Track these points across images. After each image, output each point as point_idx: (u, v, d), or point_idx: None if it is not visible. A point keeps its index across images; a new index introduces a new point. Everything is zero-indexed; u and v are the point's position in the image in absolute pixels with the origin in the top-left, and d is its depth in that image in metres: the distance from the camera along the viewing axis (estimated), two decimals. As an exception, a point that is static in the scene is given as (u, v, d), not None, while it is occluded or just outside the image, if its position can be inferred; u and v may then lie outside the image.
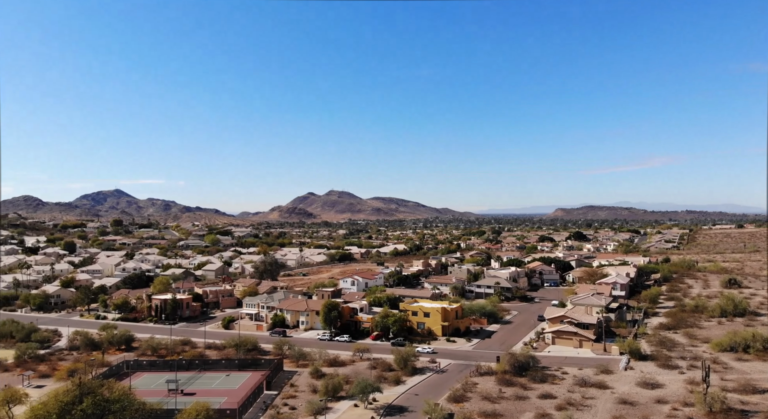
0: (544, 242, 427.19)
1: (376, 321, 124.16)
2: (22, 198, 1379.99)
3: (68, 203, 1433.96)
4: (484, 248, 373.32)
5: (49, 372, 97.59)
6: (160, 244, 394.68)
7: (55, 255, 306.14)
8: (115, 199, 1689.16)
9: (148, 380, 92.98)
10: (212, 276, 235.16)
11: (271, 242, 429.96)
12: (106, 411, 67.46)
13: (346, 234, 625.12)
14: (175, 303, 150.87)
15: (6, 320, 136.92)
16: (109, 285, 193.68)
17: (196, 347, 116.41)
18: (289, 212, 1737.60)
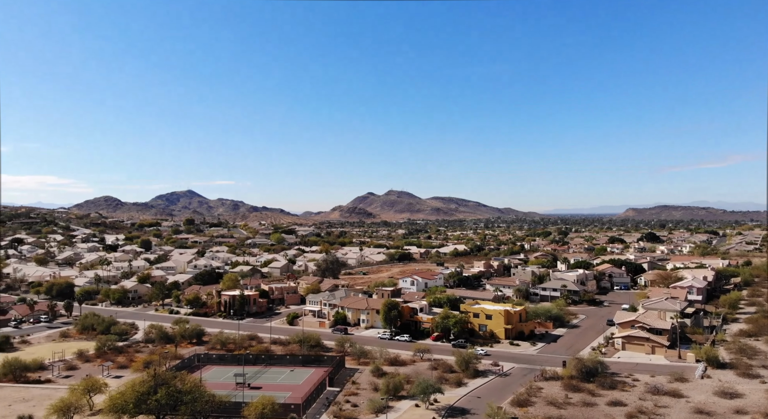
0: (614, 243, 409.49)
1: (437, 321, 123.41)
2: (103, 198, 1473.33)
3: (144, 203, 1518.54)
4: (550, 249, 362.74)
5: (126, 364, 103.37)
6: (229, 242, 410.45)
7: (133, 252, 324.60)
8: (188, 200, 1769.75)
9: (217, 373, 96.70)
10: (277, 274, 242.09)
11: (332, 241, 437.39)
12: (179, 402, 70.75)
13: (405, 233, 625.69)
14: (243, 299, 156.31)
15: (88, 313, 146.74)
16: (181, 281, 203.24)
17: (262, 342, 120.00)
18: (349, 212, 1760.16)
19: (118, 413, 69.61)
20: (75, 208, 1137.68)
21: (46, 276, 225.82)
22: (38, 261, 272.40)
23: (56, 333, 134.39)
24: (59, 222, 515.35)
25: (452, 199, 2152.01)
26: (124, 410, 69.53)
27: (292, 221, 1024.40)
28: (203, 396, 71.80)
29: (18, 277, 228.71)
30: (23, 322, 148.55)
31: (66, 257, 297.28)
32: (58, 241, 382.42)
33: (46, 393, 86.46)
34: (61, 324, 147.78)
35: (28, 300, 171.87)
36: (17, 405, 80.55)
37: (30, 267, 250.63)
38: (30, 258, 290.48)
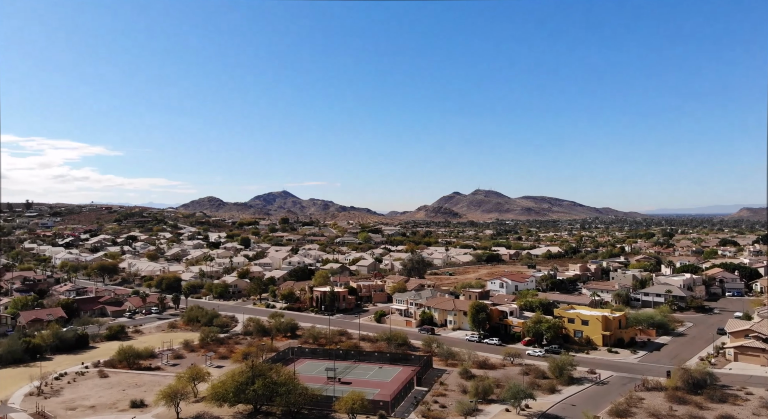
0: (725, 246, 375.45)
1: (528, 326, 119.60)
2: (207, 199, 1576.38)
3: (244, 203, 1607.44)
4: (653, 252, 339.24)
5: (227, 354, 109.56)
6: (319, 241, 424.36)
7: (233, 249, 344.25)
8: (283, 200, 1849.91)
9: (309, 366, 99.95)
10: (365, 272, 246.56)
11: (418, 241, 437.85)
12: (274, 393, 73.93)
13: (493, 234, 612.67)
14: (333, 295, 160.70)
15: (193, 306, 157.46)
16: (277, 277, 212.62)
17: (352, 338, 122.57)
18: (434, 211, 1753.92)
19: (219, 401, 74.04)
20: (182, 208, 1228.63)
21: (157, 271, 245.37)
22: (150, 257, 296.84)
23: (165, 324, 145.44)
24: (168, 221, 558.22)
25: (545, 198, 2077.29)
26: (225, 398, 73.81)
27: (378, 220, 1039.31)
28: (297, 389, 74.52)
29: (132, 272, 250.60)
30: (136, 313, 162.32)
31: (174, 253, 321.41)
32: (167, 239, 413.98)
33: (155, 379, 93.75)
34: (170, 315, 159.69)
35: (140, 292, 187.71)
36: (130, 390, 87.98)
37: (143, 262, 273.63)
38: (143, 254, 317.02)
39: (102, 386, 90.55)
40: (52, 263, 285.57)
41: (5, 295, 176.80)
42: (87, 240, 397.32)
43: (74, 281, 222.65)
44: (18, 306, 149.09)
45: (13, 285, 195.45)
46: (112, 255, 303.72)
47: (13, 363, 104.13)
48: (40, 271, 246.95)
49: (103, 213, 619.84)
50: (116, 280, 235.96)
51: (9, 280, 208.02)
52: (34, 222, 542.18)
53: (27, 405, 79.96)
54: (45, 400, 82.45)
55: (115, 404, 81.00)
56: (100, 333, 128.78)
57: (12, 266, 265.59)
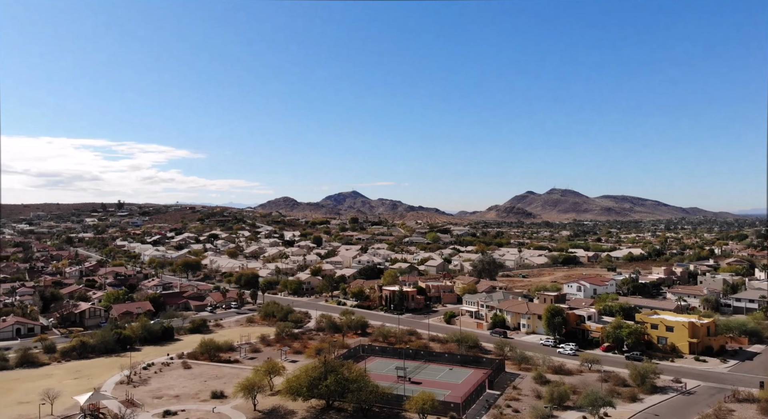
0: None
1: (607, 331, 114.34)
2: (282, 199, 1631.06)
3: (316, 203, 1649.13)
4: (746, 255, 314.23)
5: (301, 349, 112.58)
6: (388, 240, 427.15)
7: (306, 247, 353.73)
8: (352, 200, 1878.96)
9: (379, 364, 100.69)
10: (433, 272, 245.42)
11: (489, 241, 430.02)
12: (346, 390, 75.02)
13: (570, 235, 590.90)
14: (402, 295, 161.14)
15: (269, 302, 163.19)
16: (347, 275, 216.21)
17: (421, 338, 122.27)
18: (506, 211, 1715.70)
19: (293, 395, 76.13)
20: (259, 208, 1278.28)
21: (236, 267, 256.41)
22: (230, 254, 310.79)
23: (243, 319, 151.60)
24: (247, 220, 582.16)
25: (626, 197, 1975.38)
26: (299, 393, 75.80)
27: (446, 220, 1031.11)
28: (368, 386, 75.23)
29: (214, 268, 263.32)
30: (217, 308, 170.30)
31: (252, 251, 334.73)
32: (246, 237, 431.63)
33: (234, 372, 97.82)
34: (248, 310, 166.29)
35: (221, 288, 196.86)
36: (211, 382, 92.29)
37: (223, 259, 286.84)
38: (223, 251, 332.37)
39: (185, 376, 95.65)
40: (141, 259, 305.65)
41: (99, 289, 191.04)
42: (172, 238, 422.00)
43: (161, 277, 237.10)
44: (110, 300, 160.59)
45: (107, 280, 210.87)
46: (196, 252, 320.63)
47: (105, 353, 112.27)
48: (131, 267, 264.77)
49: (187, 213, 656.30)
50: (199, 276, 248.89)
51: (103, 275, 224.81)
52: (125, 221, 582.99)
53: (118, 392, 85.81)
54: (134, 388, 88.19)
55: (197, 394, 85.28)
56: (184, 327, 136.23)
57: (105, 262, 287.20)
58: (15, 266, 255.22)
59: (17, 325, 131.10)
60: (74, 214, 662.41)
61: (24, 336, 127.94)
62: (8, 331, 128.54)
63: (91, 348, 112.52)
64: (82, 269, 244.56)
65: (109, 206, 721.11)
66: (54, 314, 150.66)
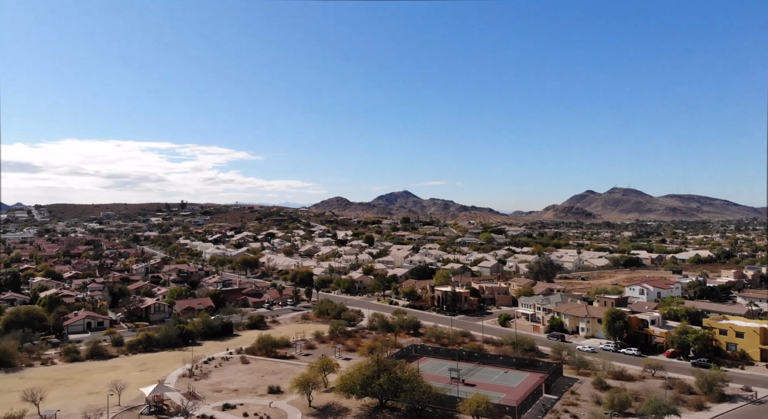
0: None
1: (672, 336, 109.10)
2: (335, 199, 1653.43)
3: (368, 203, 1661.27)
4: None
5: (354, 347, 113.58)
6: (440, 240, 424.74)
7: (359, 246, 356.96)
8: (404, 200, 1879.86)
9: (432, 365, 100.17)
10: (487, 273, 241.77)
11: (546, 242, 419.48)
12: (399, 389, 75.04)
13: (632, 236, 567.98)
14: (455, 295, 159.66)
15: (323, 299, 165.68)
16: (399, 274, 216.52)
17: (475, 340, 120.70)
18: (564, 211, 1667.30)
19: (347, 393, 76.90)
20: (313, 207, 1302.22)
21: (292, 265, 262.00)
22: (285, 252, 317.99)
23: (299, 316, 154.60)
24: (301, 220, 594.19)
25: (693, 197, 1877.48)
26: (352, 390, 76.48)
27: (501, 221, 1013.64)
28: (421, 386, 74.99)
29: (270, 266, 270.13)
30: (274, 305, 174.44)
31: (307, 250, 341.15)
32: (301, 236, 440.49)
33: (290, 368, 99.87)
34: (303, 307, 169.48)
35: (277, 285, 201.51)
36: (268, 377, 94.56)
37: (279, 257, 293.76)
38: (279, 250, 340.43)
39: (244, 371, 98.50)
40: (203, 257, 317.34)
41: (164, 286, 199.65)
42: (232, 237, 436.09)
43: (221, 274, 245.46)
44: (174, 296, 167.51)
45: (170, 277, 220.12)
46: (254, 250, 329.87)
47: (169, 347, 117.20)
48: (193, 264, 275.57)
49: (246, 213, 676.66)
50: (257, 274, 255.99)
51: (167, 272, 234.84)
52: (188, 221, 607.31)
53: (180, 385, 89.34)
54: (195, 382, 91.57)
55: (254, 389, 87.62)
56: (242, 322, 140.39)
57: (169, 259, 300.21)
58: (86, 263, 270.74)
59: (88, 319, 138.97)
60: (140, 214, 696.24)
61: (94, 330, 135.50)
62: (80, 325, 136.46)
63: (156, 342, 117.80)
64: (147, 266, 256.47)
65: (173, 206, 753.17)
66: (122, 309, 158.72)
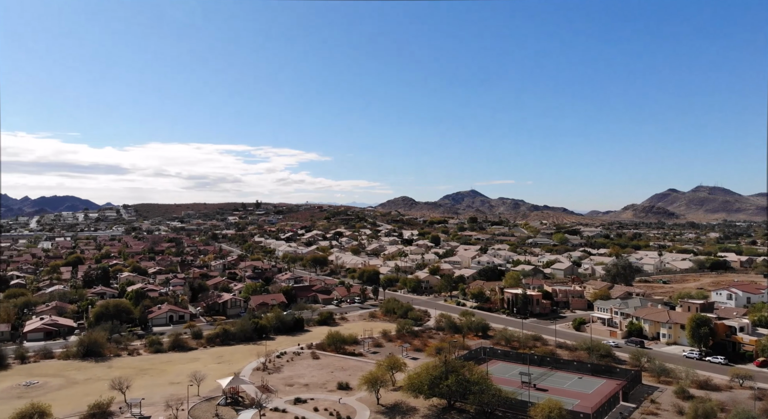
0: None
1: (762, 344, 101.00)
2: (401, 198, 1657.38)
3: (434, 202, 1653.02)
4: None
5: (421, 347, 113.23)
6: (509, 241, 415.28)
7: (424, 246, 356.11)
8: (471, 199, 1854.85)
9: (502, 368, 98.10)
10: (560, 275, 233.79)
11: (624, 244, 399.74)
12: (467, 391, 74.02)
13: (719, 237, 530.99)
14: (526, 298, 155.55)
15: (390, 298, 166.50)
16: (466, 275, 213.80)
17: (547, 344, 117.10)
18: (644, 211, 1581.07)
19: (414, 392, 76.78)
20: (379, 207, 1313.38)
21: (359, 264, 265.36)
22: (353, 251, 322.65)
23: (366, 314, 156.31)
24: (368, 219, 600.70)
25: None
26: (420, 390, 76.27)
27: (575, 221, 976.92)
28: (490, 389, 73.60)
29: (339, 264, 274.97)
30: (342, 302, 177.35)
31: (373, 249, 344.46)
32: (367, 235, 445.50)
33: (358, 365, 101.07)
34: (370, 305, 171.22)
35: (345, 283, 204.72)
36: (337, 373, 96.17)
37: (347, 255, 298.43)
38: (347, 248, 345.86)
39: (314, 366, 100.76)
40: (276, 255, 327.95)
41: (240, 281, 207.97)
42: (302, 235, 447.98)
43: (293, 271, 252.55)
44: (249, 291, 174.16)
45: (246, 273, 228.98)
46: (323, 248, 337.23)
47: (244, 341, 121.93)
48: (266, 261, 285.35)
49: (315, 212, 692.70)
50: (326, 271, 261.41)
51: (242, 268, 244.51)
52: (262, 219, 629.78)
53: (254, 378, 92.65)
54: (268, 375, 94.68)
55: (324, 384, 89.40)
56: (312, 318, 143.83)
57: (245, 256, 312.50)
58: (169, 259, 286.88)
59: (170, 313, 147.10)
60: (218, 213, 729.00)
61: (176, 323, 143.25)
62: (163, 318, 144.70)
63: (232, 336, 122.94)
64: (225, 263, 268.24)
65: (248, 205, 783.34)
66: (201, 303, 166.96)
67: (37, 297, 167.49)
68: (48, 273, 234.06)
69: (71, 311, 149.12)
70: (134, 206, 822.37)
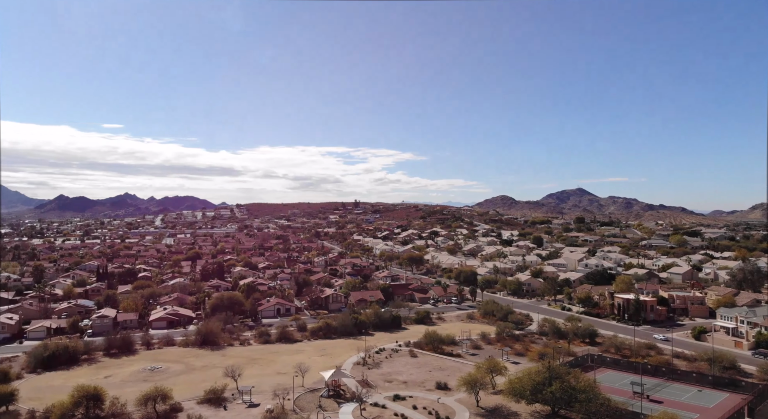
0: None
1: None
2: (500, 198, 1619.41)
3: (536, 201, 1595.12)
4: None
5: (522, 352, 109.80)
6: (621, 243, 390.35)
7: (526, 247, 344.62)
8: (578, 198, 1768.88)
9: (611, 377, 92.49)
10: (678, 280, 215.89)
11: (752, 246, 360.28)
12: (573, 399, 70.59)
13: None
14: (639, 304, 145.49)
15: (489, 300, 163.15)
16: (572, 279, 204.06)
17: (662, 353, 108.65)
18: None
19: (516, 397, 74.54)
20: (477, 206, 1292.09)
21: (455, 264, 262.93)
22: (449, 251, 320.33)
23: (464, 314, 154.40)
24: (465, 218, 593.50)
25: None
26: (522, 395, 73.87)
27: (696, 221, 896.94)
28: (598, 398, 69.79)
29: (434, 263, 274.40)
30: (439, 301, 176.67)
31: (470, 249, 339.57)
32: (464, 235, 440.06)
33: (456, 365, 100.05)
34: (467, 306, 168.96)
35: (441, 283, 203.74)
36: (435, 372, 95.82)
37: (443, 255, 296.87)
38: (443, 248, 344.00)
39: (412, 364, 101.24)
40: (373, 252, 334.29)
41: (340, 278, 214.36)
42: (398, 234, 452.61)
43: (389, 269, 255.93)
44: (349, 288, 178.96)
45: (346, 270, 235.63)
46: (418, 248, 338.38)
47: (345, 335, 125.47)
48: (365, 259, 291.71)
49: (411, 211, 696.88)
50: (422, 270, 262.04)
51: (342, 265, 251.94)
52: (361, 218, 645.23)
53: (355, 372, 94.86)
54: (368, 370, 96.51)
55: (423, 383, 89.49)
56: (409, 316, 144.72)
57: (345, 254, 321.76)
58: (276, 255, 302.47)
59: (278, 306, 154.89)
60: (320, 212, 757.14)
61: (282, 316, 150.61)
62: (271, 310, 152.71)
63: (334, 330, 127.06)
64: (326, 259, 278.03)
65: (347, 205, 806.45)
66: (305, 297, 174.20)
67: (160, 289, 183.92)
68: (170, 267, 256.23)
69: (190, 302, 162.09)
70: (246, 205, 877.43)
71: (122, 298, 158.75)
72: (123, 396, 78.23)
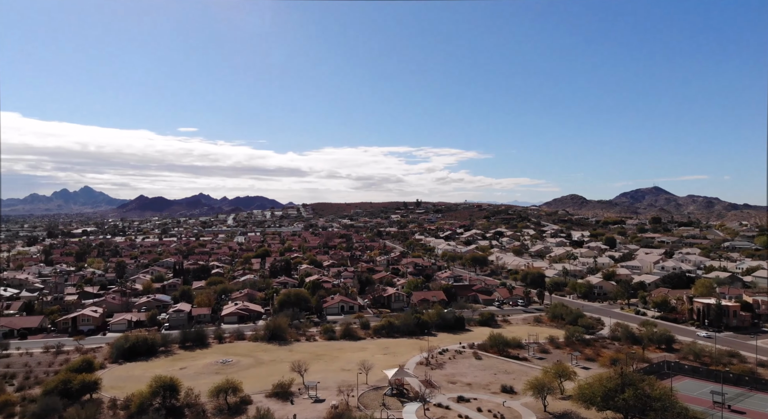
0: None
1: None
2: (569, 197, 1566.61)
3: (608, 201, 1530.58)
4: None
5: (593, 357, 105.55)
6: (701, 244, 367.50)
7: (597, 249, 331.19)
8: (653, 197, 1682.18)
9: (689, 385, 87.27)
10: (764, 285, 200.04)
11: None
12: (647, 407, 67.13)
13: None
14: (720, 309, 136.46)
15: (557, 303, 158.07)
16: (647, 282, 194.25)
17: (745, 362, 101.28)
18: None
19: (586, 403, 71.71)
20: (544, 206, 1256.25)
21: (521, 265, 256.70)
22: (515, 251, 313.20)
23: (530, 317, 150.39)
24: (531, 218, 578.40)
25: None
26: (592, 401, 71.00)
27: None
28: (675, 407, 66.04)
29: (499, 264, 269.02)
30: (504, 304, 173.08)
31: (537, 250, 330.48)
32: (531, 235, 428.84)
33: (522, 369, 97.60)
34: (534, 309, 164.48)
35: (507, 284, 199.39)
36: (500, 375, 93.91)
37: (508, 256, 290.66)
38: (508, 248, 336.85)
39: (476, 366, 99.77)
40: (435, 252, 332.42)
41: (402, 277, 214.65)
42: (461, 234, 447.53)
43: (452, 269, 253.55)
44: (411, 287, 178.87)
45: (408, 269, 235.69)
46: (482, 248, 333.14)
47: (407, 334, 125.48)
48: (426, 259, 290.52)
49: (474, 211, 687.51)
50: (486, 271, 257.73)
51: (404, 265, 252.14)
52: (422, 218, 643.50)
53: (418, 372, 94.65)
54: (431, 370, 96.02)
55: (487, 385, 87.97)
56: (473, 318, 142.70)
57: (407, 253, 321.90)
58: (340, 254, 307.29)
59: (342, 303, 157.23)
60: (382, 211, 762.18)
61: (346, 313, 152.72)
62: (335, 308, 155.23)
63: (396, 329, 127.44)
64: (388, 258, 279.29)
65: (409, 204, 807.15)
66: (368, 296, 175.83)
67: (232, 285, 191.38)
68: (241, 264, 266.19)
69: (259, 298, 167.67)
70: (311, 205, 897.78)
71: (196, 293, 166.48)
72: (197, 387, 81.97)
